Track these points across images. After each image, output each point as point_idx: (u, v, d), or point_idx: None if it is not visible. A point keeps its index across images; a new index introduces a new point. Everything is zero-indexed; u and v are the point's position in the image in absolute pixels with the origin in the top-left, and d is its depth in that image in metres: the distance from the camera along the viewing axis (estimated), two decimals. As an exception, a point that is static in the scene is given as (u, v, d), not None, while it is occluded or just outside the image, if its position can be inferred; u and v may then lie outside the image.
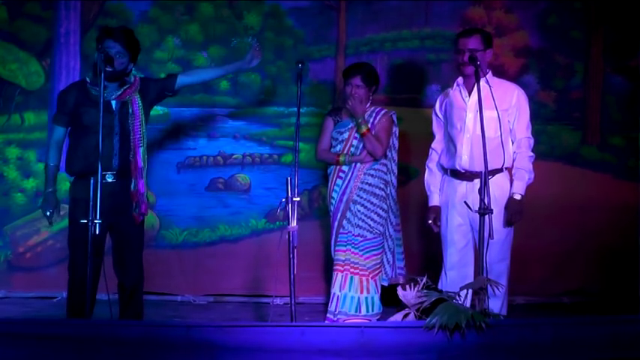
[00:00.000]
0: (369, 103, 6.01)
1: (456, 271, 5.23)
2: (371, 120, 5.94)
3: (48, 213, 5.12)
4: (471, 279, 5.15)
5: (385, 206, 5.97)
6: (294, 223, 4.92)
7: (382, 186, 5.95)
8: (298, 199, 4.98)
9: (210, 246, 7.10)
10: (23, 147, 7.01)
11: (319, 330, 3.97)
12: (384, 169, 5.97)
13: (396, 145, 6.07)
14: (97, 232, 4.53)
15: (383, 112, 6.00)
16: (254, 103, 7.12)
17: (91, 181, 4.55)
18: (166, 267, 7.04)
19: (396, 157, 6.07)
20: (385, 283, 6.02)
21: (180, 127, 7.09)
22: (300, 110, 5.33)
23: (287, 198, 4.91)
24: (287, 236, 4.94)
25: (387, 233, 6.02)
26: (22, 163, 7.02)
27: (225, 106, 7.11)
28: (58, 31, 7.05)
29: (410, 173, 6.87)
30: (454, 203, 5.22)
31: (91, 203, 4.50)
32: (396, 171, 6.06)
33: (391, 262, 6.05)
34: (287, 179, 4.92)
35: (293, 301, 4.98)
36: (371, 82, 5.97)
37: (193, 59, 7.09)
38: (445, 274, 5.27)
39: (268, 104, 7.12)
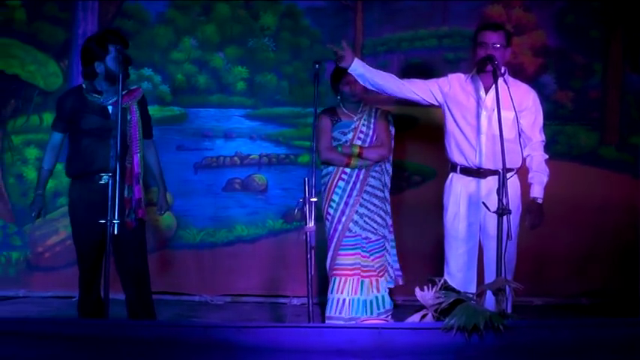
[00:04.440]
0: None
1: (463, 274, 5.11)
2: (371, 119, 5.88)
3: (33, 214, 5.22)
4: (474, 281, 5.12)
5: (385, 208, 5.91)
6: (311, 224, 4.91)
7: (382, 187, 5.89)
8: (316, 199, 4.97)
9: (227, 246, 7.12)
10: (42, 147, 7.00)
11: (337, 330, 3.96)
12: (381, 171, 5.91)
13: (392, 146, 6.01)
14: (99, 233, 4.68)
15: (380, 110, 5.96)
16: (270, 103, 7.13)
17: (108, 181, 4.65)
18: (183, 267, 7.08)
19: (390, 158, 6.00)
20: (392, 285, 5.96)
21: (197, 127, 7.11)
22: (317, 110, 5.33)
23: (304, 198, 4.90)
24: (304, 236, 4.92)
25: (387, 235, 5.96)
26: (40, 164, 7.04)
27: (241, 107, 7.13)
28: (76, 32, 7.09)
29: (425, 174, 6.87)
30: (465, 202, 5.13)
31: (109, 203, 4.57)
32: (390, 172, 6.00)
33: (391, 264, 5.99)
34: (304, 179, 4.91)
35: (310, 302, 4.97)
36: None
37: (210, 60, 7.12)
38: (451, 275, 5.07)
39: (285, 105, 7.12)
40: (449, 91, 5.18)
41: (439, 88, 5.19)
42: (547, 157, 5.15)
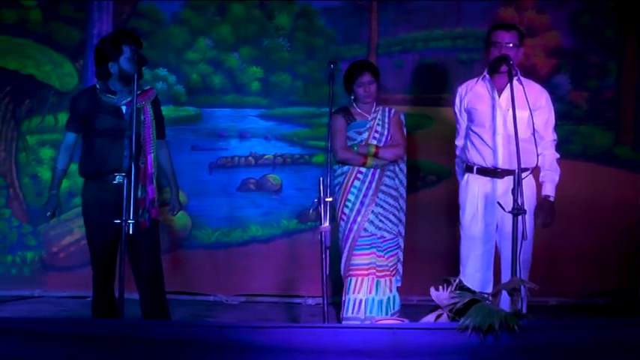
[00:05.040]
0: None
1: (481, 274, 5.13)
2: (385, 119, 5.87)
3: (48, 214, 5.25)
4: (491, 282, 5.12)
5: (399, 206, 5.90)
6: (326, 224, 4.91)
7: (396, 186, 5.88)
8: (330, 199, 4.97)
9: (241, 246, 7.13)
10: (57, 147, 7.01)
11: (351, 331, 3.95)
12: (395, 170, 5.90)
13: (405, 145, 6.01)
14: (113, 233, 4.73)
15: (393, 110, 5.96)
16: (285, 103, 7.13)
17: (122, 181, 4.74)
18: (198, 267, 7.09)
19: (405, 158, 5.99)
20: (399, 284, 5.94)
21: (212, 127, 7.12)
22: (332, 110, 5.32)
23: (319, 198, 4.89)
24: (319, 236, 4.92)
25: (402, 232, 5.94)
26: (55, 164, 7.07)
27: (256, 107, 7.13)
28: (91, 33, 7.12)
29: (441, 173, 6.84)
30: (482, 203, 5.13)
31: (124, 204, 4.57)
32: (405, 170, 5.98)
33: (401, 261, 5.97)
34: (319, 179, 4.91)
35: (325, 302, 4.97)
36: (377, 74, 5.91)
37: (225, 60, 7.13)
38: (468, 275, 5.06)
39: (299, 104, 7.12)
40: (464, 104, 5.27)
41: (459, 111, 5.34)
42: (558, 156, 5.17)
